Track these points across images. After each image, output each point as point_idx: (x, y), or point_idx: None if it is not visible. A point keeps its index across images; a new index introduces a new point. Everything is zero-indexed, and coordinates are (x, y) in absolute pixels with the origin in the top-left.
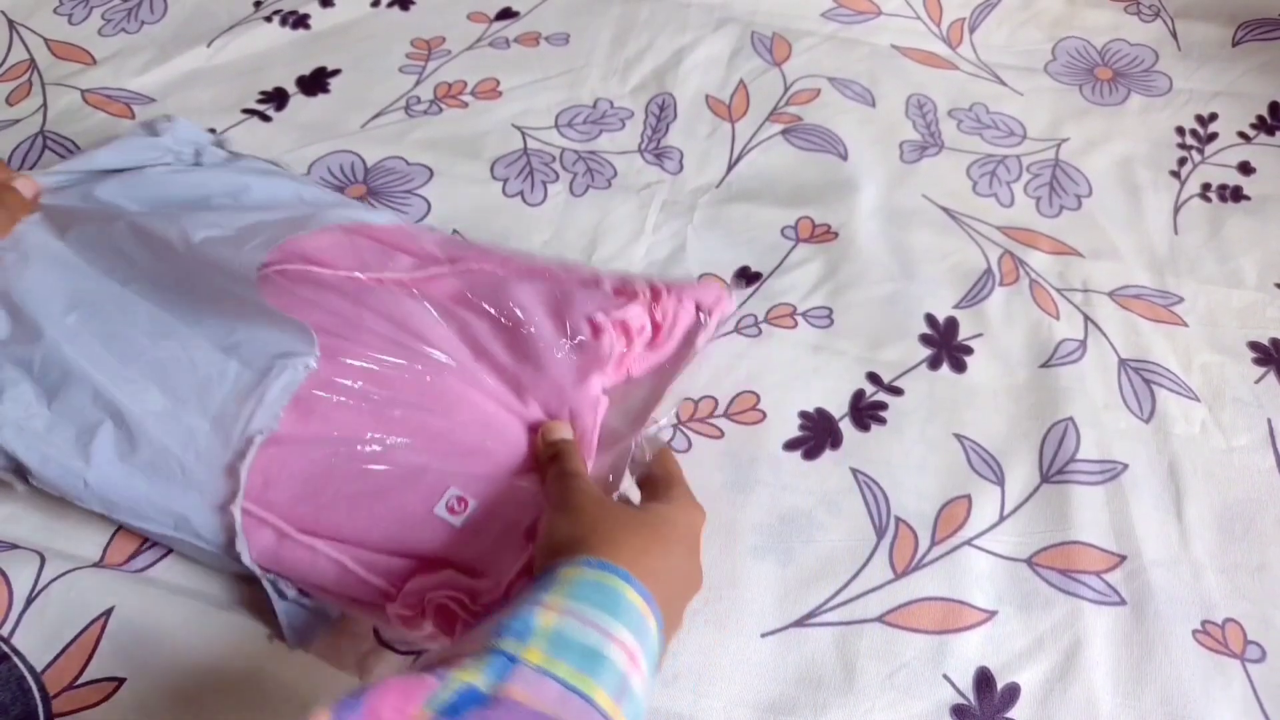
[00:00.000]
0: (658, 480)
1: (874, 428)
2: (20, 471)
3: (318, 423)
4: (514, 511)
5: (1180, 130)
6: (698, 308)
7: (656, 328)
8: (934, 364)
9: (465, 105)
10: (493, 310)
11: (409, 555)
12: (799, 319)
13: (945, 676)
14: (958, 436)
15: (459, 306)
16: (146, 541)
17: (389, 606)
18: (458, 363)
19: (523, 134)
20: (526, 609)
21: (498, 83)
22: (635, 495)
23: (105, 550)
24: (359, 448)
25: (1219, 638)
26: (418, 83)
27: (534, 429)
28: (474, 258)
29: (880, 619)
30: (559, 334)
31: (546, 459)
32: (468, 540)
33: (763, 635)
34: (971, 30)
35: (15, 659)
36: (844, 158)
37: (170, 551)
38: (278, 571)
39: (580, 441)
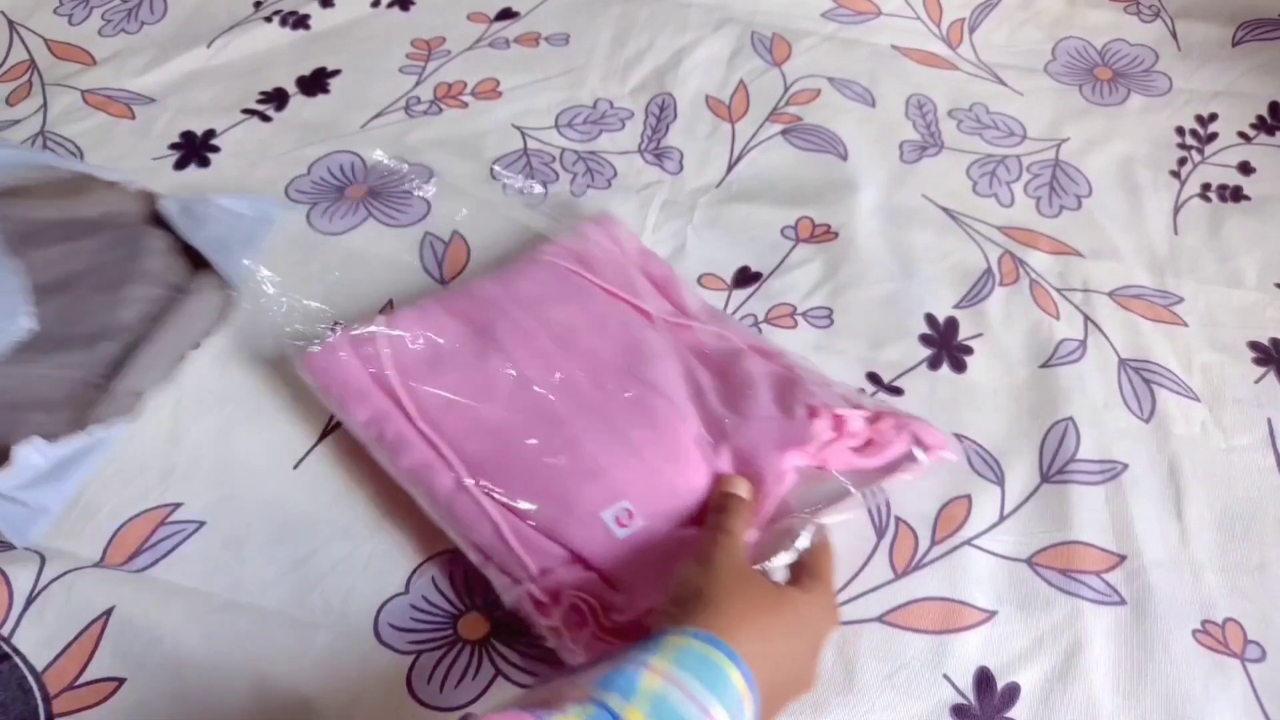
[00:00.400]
0: (804, 569)
1: None
2: None
3: (524, 397)
4: (673, 549)
5: (1180, 130)
6: (917, 441)
7: (869, 441)
8: (934, 364)
9: (465, 105)
10: (722, 366)
11: (563, 545)
12: (799, 319)
13: (945, 676)
14: (958, 436)
15: (691, 354)
16: (146, 541)
17: (526, 583)
18: (672, 395)
19: (523, 134)
20: (632, 668)
21: (498, 83)
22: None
23: (105, 550)
24: (554, 431)
25: (1219, 637)
26: (418, 83)
27: (717, 479)
28: (727, 327)
29: (880, 619)
30: (775, 402)
31: (714, 508)
32: (622, 556)
33: None
34: (971, 30)
35: (16, 658)
36: (844, 158)
37: (170, 552)
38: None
39: (756, 503)
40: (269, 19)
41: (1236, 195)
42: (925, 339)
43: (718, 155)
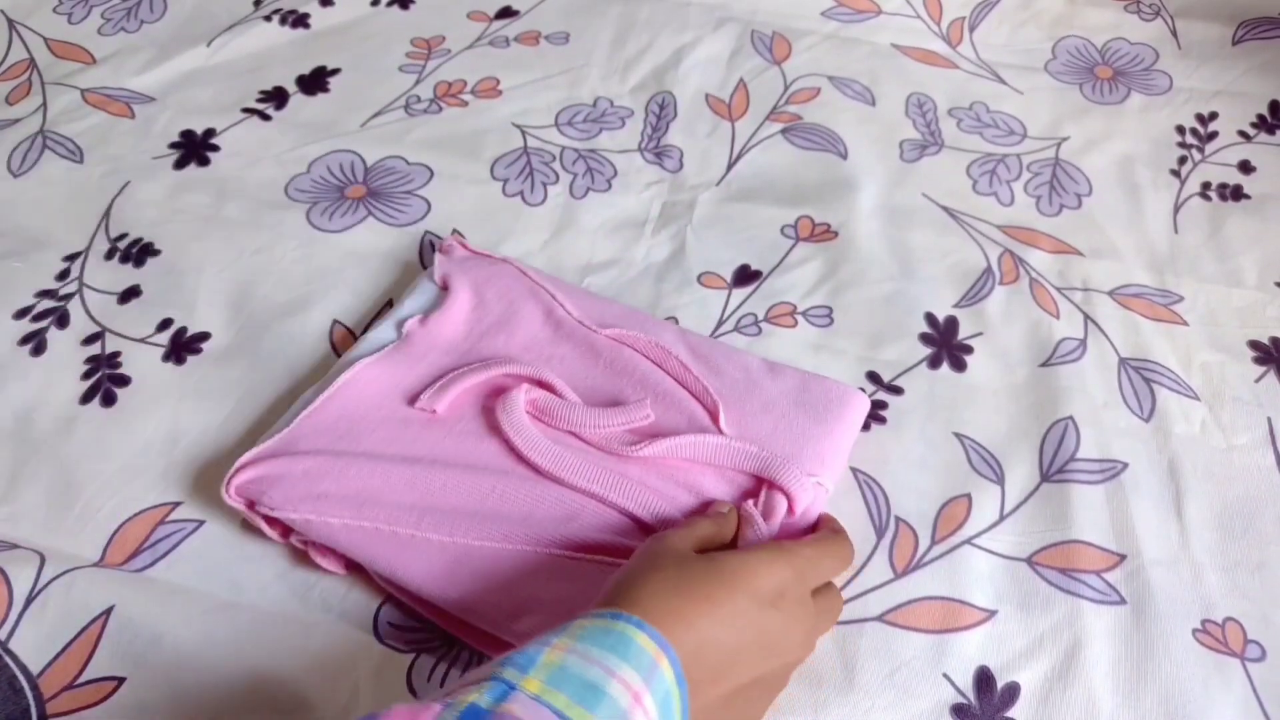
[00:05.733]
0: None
1: (874, 427)
2: None
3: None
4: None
5: (1180, 129)
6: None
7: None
8: (934, 363)
9: (465, 104)
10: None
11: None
12: (799, 318)
13: (945, 676)
14: (958, 435)
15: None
16: (146, 541)
17: None
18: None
19: (523, 133)
20: (534, 646)
21: (498, 82)
22: None
23: (105, 550)
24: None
25: (1219, 637)
26: (417, 82)
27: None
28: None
29: (880, 618)
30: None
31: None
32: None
33: None
34: (971, 29)
35: (7, 658)
36: (844, 157)
37: (170, 551)
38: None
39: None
40: (268, 18)
41: (1237, 194)
42: (925, 338)
43: (718, 154)
